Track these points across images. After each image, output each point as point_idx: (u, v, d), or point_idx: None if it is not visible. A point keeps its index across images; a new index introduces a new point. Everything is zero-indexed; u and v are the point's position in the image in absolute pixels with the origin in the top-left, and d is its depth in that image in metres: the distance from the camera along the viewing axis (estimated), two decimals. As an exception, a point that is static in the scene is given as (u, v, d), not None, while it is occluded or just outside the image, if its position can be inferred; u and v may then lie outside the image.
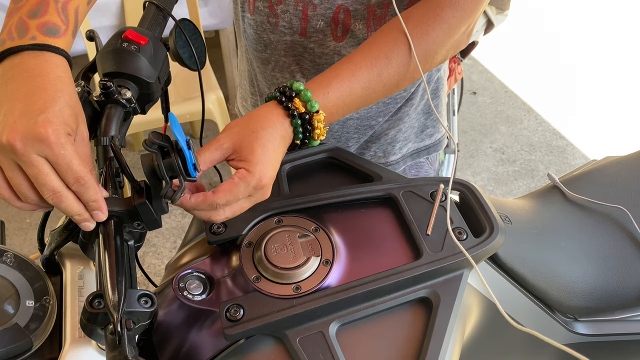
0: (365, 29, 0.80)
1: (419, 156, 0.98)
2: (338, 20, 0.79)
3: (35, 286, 0.60)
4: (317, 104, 0.64)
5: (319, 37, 0.81)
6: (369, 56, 0.68)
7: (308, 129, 0.64)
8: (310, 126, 0.64)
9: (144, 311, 0.51)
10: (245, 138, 0.60)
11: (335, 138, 0.92)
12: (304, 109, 0.63)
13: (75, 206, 0.51)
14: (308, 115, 0.63)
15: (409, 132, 0.95)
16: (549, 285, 0.78)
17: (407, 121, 0.93)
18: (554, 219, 0.87)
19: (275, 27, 0.82)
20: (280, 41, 0.84)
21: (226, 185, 0.58)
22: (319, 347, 0.56)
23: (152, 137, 0.52)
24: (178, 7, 1.26)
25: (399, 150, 0.95)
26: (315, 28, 0.80)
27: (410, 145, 0.97)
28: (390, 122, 0.92)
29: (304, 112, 0.63)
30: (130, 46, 0.64)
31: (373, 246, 0.65)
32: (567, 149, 2.49)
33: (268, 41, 0.85)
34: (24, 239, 2.08)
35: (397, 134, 0.93)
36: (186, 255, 0.69)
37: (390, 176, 0.72)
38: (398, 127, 0.93)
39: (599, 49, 3.13)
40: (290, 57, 0.85)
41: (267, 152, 0.60)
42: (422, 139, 0.97)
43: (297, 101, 0.63)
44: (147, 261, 2.00)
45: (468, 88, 2.84)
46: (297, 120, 0.63)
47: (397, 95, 0.88)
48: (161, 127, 0.73)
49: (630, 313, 0.84)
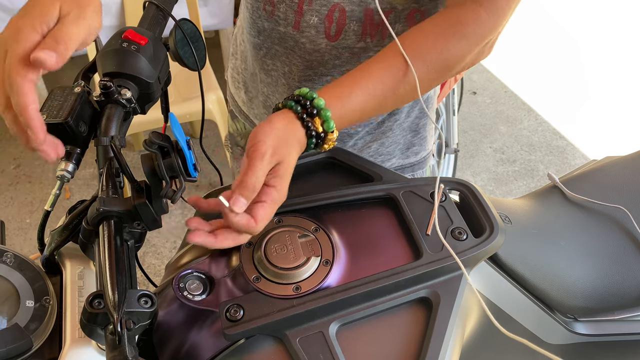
0: (360, 31, 0.79)
1: (403, 172, 0.98)
2: (332, 19, 0.78)
3: (35, 286, 0.60)
4: (333, 124, 0.65)
5: (312, 33, 0.80)
6: (388, 70, 0.68)
7: (319, 143, 0.66)
8: (322, 141, 0.66)
9: (144, 311, 0.51)
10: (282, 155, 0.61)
11: None
12: (321, 128, 0.65)
13: (8, 117, 0.52)
14: (324, 134, 0.65)
15: (393, 147, 0.95)
16: (549, 285, 0.78)
17: (391, 136, 0.93)
18: (554, 219, 0.87)
19: (271, 15, 0.82)
20: (274, 30, 0.83)
21: (261, 210, 0.59)
22: (319, 347, 0.56)
23: (152, 137, 0.52)
24: (178, 7, 1.26)
25: (381, 164, 0.95)
26: (308, 23, 0.79)
27: (394, 161, 0.96)
28: (373, 135, 0.92)
29: (321, 132, 0.65)
30: (130, 46, 0.64)
31: (373, 246, 0.65)
32: (567, 149, 2.49)
33: (262, 28, 0.85)
34: (24, 239, 2.08)
35: (380, 148, 0.94)
36: (186, 255, 0.69)
37: (390, 176, 0.72)
38: (381, 141, 0.93)
39: (599, 49, 3.13)
40: (282, 48, 0.85)
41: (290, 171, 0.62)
42: (407, 156, 0.97)
43: (317, 121, 0.64)
44: (147, 261, 2.01)
45: (468, 88, 2.84)
46: (313, 139, 0.65)
47: None
48: (161, 127, 0.73)
49: (630, 313, 0.84)
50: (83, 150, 0.62)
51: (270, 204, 0.60)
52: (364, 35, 0.79)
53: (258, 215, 0.58)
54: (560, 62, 3.03)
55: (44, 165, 2.36)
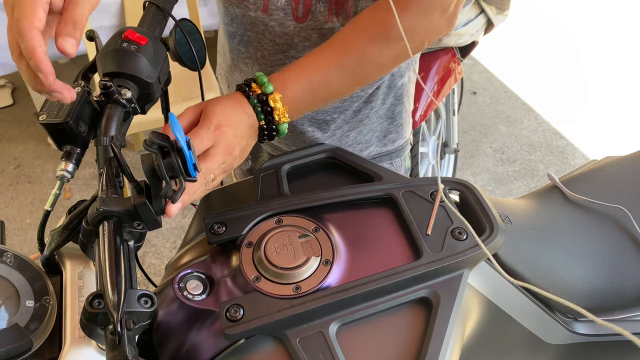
0: (326, 11, 0.79)
1: (381, 161, 1.00)
2: (299, 0, 0.79)
3: (35, 286, 0.60)
4: (271, 86, 0.69)
5: (280, 16, 0.81)
6: (333, 46, 0.72)
7: (268, 110, 0.69)
8: (269, 107, 0.69)
9: (144, 311, 0.51)
10: (208, 107, 0.67)
11: (293, 132, 0.93)
12: (260, 91, 0.69)
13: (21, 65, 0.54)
14: (265, 97, 0.69)
15: (370, 135, 0.96)
16: (549, 285, 0.78)
17: (368, 124, 0.94)
18: (554, 219, 0.87)
19: (241, 1, 0.83)
20: (246, 16, 0.84)
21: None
22: (319, 347, 0.56)
23: (152, 137, 0.52)
24: (178, 7, 1.26)
25: (360, 152, 0.96)
26: (276, 5, 0.80)
27: (372, 149, 0.98)
28: (350, 124, 0.93)
29: (260, 94, 0.69)
30: (130, 46, 0.64)
31: (373, 246, 0.65)
32: (567, 149, 2.49)
33: (234, 15, 0.86)
34: (24, 239, 2.08)
35: (358, 136, 0.95)
36: (186, 255, 0.69)
37: (390, 176, 0.72)
38: (358, 129, 0.94)
39: (599, 49, 3.13)
40: (253, 33, 0.86)
41: (227, 111, 0.67)
42: (384, 144, 0.99)
43: (254, 85, 0.70)
44: (147, 261, 2.01)
45: (468, 88, 2.84)
46: (253, 99, 0.69)
47: (353, 94, 0.90)
48: (161, 127, 0.73)
49: (630, 313, 0.84)
50: (83, 150, 0.62)
51: (197, 129, 0.64)
52: (330, 15, 0.80)
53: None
54: (560, 62, 3.03)
55: (44, 165, 2.36)
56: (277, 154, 0.96)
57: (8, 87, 2.69)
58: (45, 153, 2.41)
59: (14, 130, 2.52)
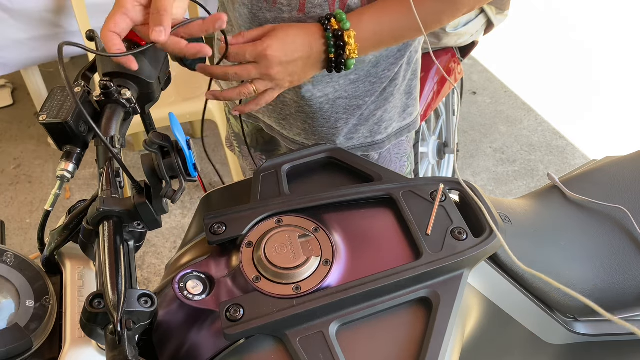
0: (360, 2, 0.80)
1: (401, 135, 1.03)
2: None
3: (35, 286, 0.60)
4: (349, 23, 0.75)
5: (317, 13, 0.80)
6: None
7: (341, 45, 0.75)
8: (343, 42, 0.74)
9: (144, 311, 0.51)
10: (275, 29, 0.74)
11: (324, 118, 0.94)
12: (338, 27, 0.75)
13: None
14: (341, 32, 0.74)
15: (394, 112, 0.99)
16: (549, 285, 0.78)
17: (392, 101, 0.97)
18: (554, 219, 0.87)
19: (273, 4, 0.82)
20: (278, 19, 0.83)
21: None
22: (319, 347, 0.56)
23: (152, 137, 0.52)
24: (178, 7, 1.24)
25: (385, 130, 0.99)
26: (313, 3, 0.80)
27: (394, 125, 1.00)
28: (377, 103, 0.95)
29: (337, 29, 0.75)
30: (131, 46, 0.64)
31: (373, 246, 0.65)
32: (567, 149, 2.49)
33: (264, 20, 0.84)
34: (24, 239, 2.08)
35: (384, 114, 0.97)
36: (186, 255, 0.69)
37: (390, 176, 0.72)
38: (384, 108, 0.96)
39: (599, 49, 3.13)
40: None
41: (285, 41, 0.73)
42: (404, 118, 1.02)
43: (333, 21, 0.75)
44: (147, 261, 2.00)
45: (468, 88, 2.84)
46: (329, 33, 0.75)
47: (382, 75, 0.91)
48: (161, 127, 0.73)
49: (630, 313, 0.84)
50: (83, 150, 0.63)
51: (248, 45, 0.72)
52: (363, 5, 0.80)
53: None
54: (560, 62, 3.03)
55: (44, 165, 2.36)
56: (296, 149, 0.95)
57: (8, 87, 2.69)
58: (45, 153, 2.41)
59: (14, 130, 2.52)
